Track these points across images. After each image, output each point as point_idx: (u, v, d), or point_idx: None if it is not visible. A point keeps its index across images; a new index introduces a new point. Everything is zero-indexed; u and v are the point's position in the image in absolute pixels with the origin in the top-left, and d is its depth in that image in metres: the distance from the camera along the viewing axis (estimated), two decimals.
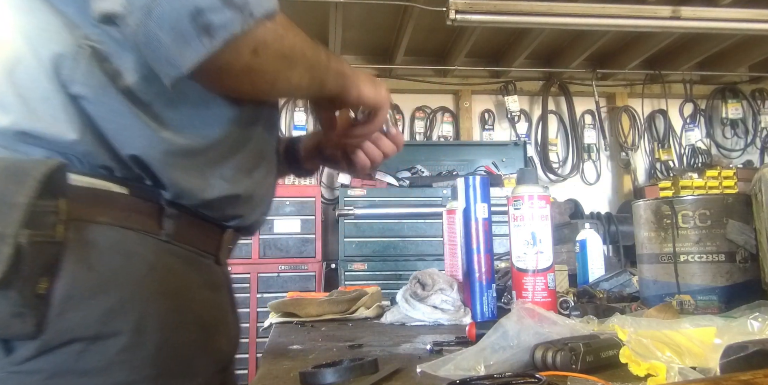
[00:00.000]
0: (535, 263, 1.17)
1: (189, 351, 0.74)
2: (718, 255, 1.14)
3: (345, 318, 1.39)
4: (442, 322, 1.23)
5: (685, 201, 1.18)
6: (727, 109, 4.78)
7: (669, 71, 4.60)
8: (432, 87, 4.58)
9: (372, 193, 3.68)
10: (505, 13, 3.13)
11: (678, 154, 4.74)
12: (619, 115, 4.73)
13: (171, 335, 0.71)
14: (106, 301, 0.66)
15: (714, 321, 0.80)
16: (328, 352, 0.96)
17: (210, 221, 0.80)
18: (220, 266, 0.85)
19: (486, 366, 0.68)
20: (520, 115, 4.62)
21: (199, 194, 0.75)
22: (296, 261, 3.53)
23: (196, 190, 0.75)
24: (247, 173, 0.81)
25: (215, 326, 0.80)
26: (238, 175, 0.79)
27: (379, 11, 3.67)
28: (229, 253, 0.88)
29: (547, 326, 0.77)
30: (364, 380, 0.69)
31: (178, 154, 0.72)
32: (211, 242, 0.82)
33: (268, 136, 0.87)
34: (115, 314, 0.67)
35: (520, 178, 1.25)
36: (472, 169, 4.26)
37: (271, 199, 0.92)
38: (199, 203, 0.76)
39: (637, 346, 0.68)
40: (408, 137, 4.57)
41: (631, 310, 1.19)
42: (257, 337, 3.37)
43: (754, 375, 0.45)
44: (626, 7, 3.25)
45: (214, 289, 0.83)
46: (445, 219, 1.46)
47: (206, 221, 0.80)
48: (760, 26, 3.32)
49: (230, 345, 0.87)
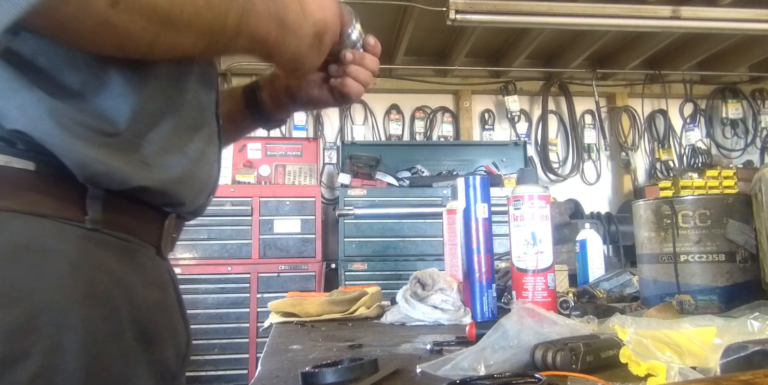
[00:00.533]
0: (535, 263, 1.17)
1: (124, 368, 0.59)
2: (718, 255, 1.14)
3: (345, 318, 1.39)
4: (442, 322, 1.23)
5: (685, 201, 1.18)
6: (727, 109, 4.78)
7: (669, 71, 4.60)
8: (432, 87, 4.58)
9: (372, 193, 3.68)
10: (505, 13, 3.13)
11: (678, 154, 4.74)
12: (619, 115, 4.73)
13: (99, 351, 0.56)
14: (9, 316, 0.51)
15: (714, 321, 0.80)
16: (328, 352, 0.96)
17: (147, 205, 0.65)
18: (164, 259, 0.71)
19: (486, 366, 0.68)
20: (520, 115, 4.62)
21: (120, 180, 0.59)
22: (296, 261, 3.53)
23: (115, 174, 0.59)
24: (180, 150, 0.66)
25: (159, 334, 0.65)
26: (169, 154, 0.64)
27: (379, 11, 3.67)
28: (173, 243, 0.73)
29: (547, 326, 0.77)
30: (364, 380, 0.69)
31: (81, 130, 0.57)
32: (150, 230, 0.67)
33: (204, 100, 0.71)
34: (23, 333, 0.51)
35: (520, 178, 1.25)
36: (472, 169, 4.26)
37: (217, 175, 0.78)
38: (123, 189, 0.60)
39: (637, 346, 0.67)
40: (408, 137, 4.57)
41: (631, 310, 1.19)
42: (257, 337, 3.38)
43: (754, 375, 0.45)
44: (626, 7, 3.25)
45: (158, 288, 0.68)
46: (445, 219, 1.46)
47: (143, 205, 0.65)
48: (760, 26, 3.32)
49: (179, 355, 0.70)
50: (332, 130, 4.53)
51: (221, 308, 3.39)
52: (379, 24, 3.93)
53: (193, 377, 3.30)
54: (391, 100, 4.61)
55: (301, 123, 4.36)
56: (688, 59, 4.44)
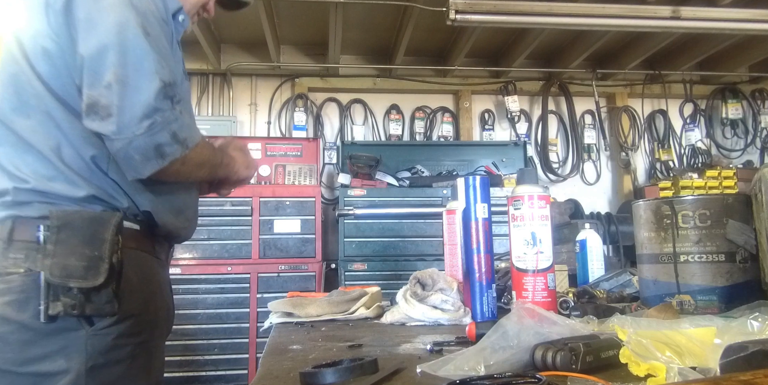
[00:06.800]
0: (535, 263, 1.17)
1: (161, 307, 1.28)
2: (718, 255, 1.14)
3: (345, 318, 1.39)
4: (442, 322, 1.23)
5: (685, 201, 1.18)
6: (727, 109, 4.78)
7: (669, 71, 4.60)
8: (432, 87, 4.58)
9: (372, 193, 3.68)
10: (505, 13, 3.13)
11: (678, 154, 4.74)
12: (619, 115, 4.73)
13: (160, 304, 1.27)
14: (148, 289, 1.22)
15: (714, 321, 0.80)
16: (328, 352, 0.96)
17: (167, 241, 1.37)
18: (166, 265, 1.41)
19: (486, 366, 0.68)
20: (520, 115, 4.61)
21: (176, 237, 1.36)
22: (296, 261, 3.53)
23: (178, 236, 1.35)
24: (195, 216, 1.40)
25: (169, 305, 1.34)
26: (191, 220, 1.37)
27: (379, 11, 3.67)
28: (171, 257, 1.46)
29: (547, 326, 0.77)
30: (364, 380, 0.69)
31: (170, 211, 1.27)
32: (164, 252, 1.36)
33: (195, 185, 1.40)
34: (152, 294, 1.23)
35: (520, 178, 1.25)
36: (472, 169, 4.26)
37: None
38: (176, 238, 1.36)
39: (637, 346, 0.68)
40: (408, 137, 4.58)
41: (631, 310, 1.19)
42: (257, 337, 3.37)
43: (754, 375, 0.45)
44: (626, 7, 3.25)
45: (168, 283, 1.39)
46: (445, 219, 1.46)
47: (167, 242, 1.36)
48: (760, 26, 3.32)
49: (168, 320, 1.35)
50: (332, 131, 4.53)
51: (221, 308, 3.39)
52: (379, 24, 3.94)
53: (193, 377, 3.30)
54: (391, 100, 4.61)
55: (301, 123, 4.36)
56: (688, 59, 4.44)
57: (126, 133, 1.05)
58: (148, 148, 1.06)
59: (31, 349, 1.06)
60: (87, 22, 1.08)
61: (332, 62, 4.26)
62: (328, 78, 4.50)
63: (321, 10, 3.59)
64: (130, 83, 1.06)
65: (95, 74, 1.06)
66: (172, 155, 1.09)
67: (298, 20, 3.91)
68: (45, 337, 1.06)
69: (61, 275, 1.05)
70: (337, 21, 3.59)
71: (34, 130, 1.12)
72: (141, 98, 1.06)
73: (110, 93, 1.05)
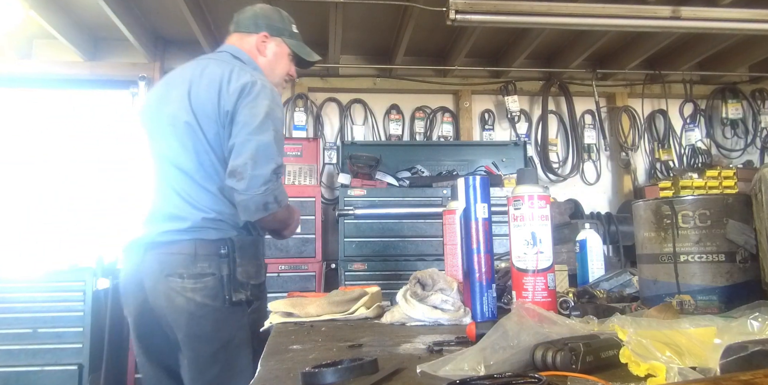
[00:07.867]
0: (535, 263, 1.17)
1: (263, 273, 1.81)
2: (718, 255, 1.14)
3: (345, 318, 1.39)
4: (442, 322, 1.23)
5: (685, 201, 1.18)
6: (727, 109, 4.78)
7: (669, 71, 4.60)
8: (432, 87, 4.59)
9: (372, 193, 3.68)
10: (505, 13, 3.13)
11: (678, 154, 4.74)
12: (619, 115, 4.73)
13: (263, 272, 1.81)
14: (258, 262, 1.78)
15: (714, 321, 0.80)
16: (328, 352, 0.96)
17: None
18: None
19: (486, 366, 0.68)
20: (520, 115, 4.62)
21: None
22: (296, 261, 3.53)
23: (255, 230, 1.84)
24: None
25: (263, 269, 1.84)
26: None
27: (379, 11, 3.67)
28: None
29: (547, 326, 0.77)
30: (364, 380, 0.69)
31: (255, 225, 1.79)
32: None
33: None
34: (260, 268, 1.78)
35: (520, 178, 1.25)
36: (472, 169, 4.26)
37: None
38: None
39: (637, 346, 0.67)
40: (408, 137, 4.58)
41: (631, 310, 1.19)
42: None
43: (754, 375, 0.45)
44: (626, 7, 3.24)
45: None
46: (445, 219, 1.46)
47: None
48: (760, 26, 3.31)
49: None
50: (332, 131, 4.53)
51: None
52: (379, 24, 3.94)
53: None
54: (391, 100, 4.61)
55: (301, 123, 4.36)
56: (688, 59, 4.44)
57: (250, 192, 1.61)
58: (259, 204, 1.63)
59: (219, 324, 1.65)
60: (243, 125, 1.66)
61: (332, 62, 4.26)
62: (328, 78, 4.50)
63: (321, 10, 3.59)
64: (258, 163, 1.62)
65: (239, 155, 1.64)
66: (273, 210, 1.66)
67: (298, 20, 3.87)
68: (229, 315, 1.65)
69: (246, 276, 1.68)
70: (337, 21, 3.59)
71: (205, 178, 1.71)
72: (263, 173, 1.62)
73: (245, 167, 1.62)
